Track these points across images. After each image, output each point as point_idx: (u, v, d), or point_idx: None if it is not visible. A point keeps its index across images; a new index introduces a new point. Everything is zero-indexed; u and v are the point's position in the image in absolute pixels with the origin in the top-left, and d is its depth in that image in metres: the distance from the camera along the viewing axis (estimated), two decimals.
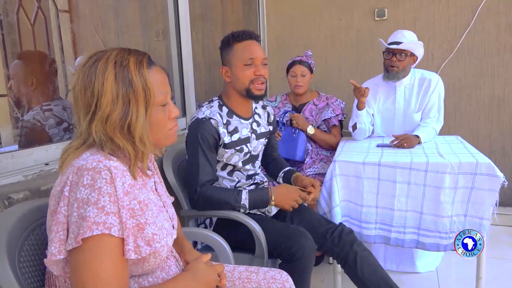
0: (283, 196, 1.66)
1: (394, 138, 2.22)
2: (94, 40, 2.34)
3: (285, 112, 2.64)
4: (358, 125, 2.39)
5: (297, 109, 2.69)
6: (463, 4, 3.04)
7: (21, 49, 1.76)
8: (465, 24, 3.05)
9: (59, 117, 1.70)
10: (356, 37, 3.32)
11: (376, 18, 3.23)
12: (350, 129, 2.46)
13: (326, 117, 2.57)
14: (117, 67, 0.90)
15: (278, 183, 1.95)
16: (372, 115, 2.47)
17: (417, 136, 2.23)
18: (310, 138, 2.60)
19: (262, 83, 1.68)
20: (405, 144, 2.14)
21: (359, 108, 2.35)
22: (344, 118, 2.65)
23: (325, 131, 2.62)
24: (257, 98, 1.73)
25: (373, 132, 2.50)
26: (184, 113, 2.49)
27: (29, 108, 1.65)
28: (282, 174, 1.93)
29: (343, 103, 2.65)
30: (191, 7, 2.50)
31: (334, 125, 2.61)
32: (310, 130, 2.52)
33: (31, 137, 1.62)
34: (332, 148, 2.59)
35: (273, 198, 1.65)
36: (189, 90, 2.50)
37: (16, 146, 1.50)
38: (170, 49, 2.49)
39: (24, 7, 1.75)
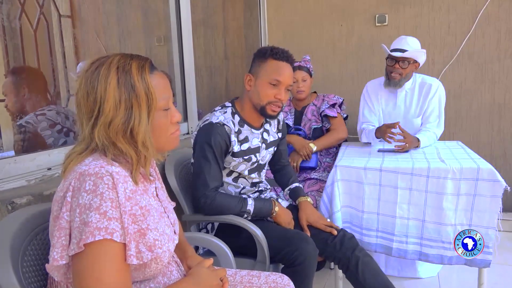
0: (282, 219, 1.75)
1: (396, 142, 2.16)
2: (96, 45, 2.34)
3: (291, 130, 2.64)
4: (364, 125, 2.42)
5: (300, 112, 2.68)
6: (464, 11, 3.05)
7: (23, 54, 1.76)
8: (465, 30, 3.06)
9: (51, 120, 1.71)
10: (357, 43, 3.33)
11: (377, 24, 3.24)
12: (359, 133, 2.47)
13: (323, 110, 2.55)
14: (119, 72, 0.90)
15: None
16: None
17: (418, 140, 2.21)
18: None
19: (278, 106, 1.68)
20: (407, 144, 2.12)
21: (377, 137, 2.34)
22: (346, 117, 2.66)
23: (327, 129, 2.60)
24: (268, 118, 1.73)
25: None
26: (185, 118, 2.49)
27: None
28: (288, 192, 1.95)
29: (341, 98, 2.63)
30: (192, 13, 2.51)
31: (334, 117, 2.57)
32: (313, 147, 2.49)
33: (25, 141, 1.63)
34: (343, 141, 2.61)
35: (274, 215, 1.73)
36: (191, 96, 2.51)
37: (12, 152, 1.50)
38: (172, 55, 2.50)
39: (26, 13, 1.76)
